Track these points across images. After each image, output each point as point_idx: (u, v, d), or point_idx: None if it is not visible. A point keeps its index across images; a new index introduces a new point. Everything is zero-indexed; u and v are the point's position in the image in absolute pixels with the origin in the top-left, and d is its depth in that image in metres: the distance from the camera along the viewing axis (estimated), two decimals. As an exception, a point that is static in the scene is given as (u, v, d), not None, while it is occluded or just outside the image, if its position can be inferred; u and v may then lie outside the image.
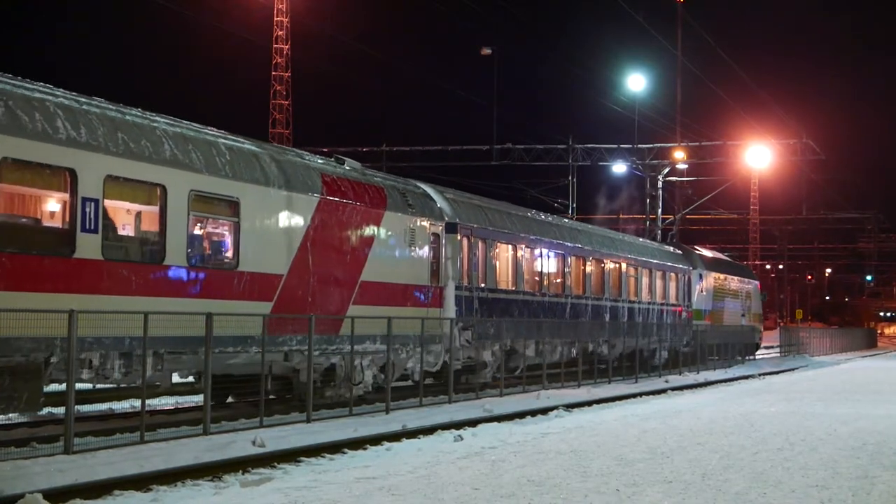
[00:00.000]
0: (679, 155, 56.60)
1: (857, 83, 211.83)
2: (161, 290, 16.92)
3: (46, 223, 15.79)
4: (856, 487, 12.69)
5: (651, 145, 57.43)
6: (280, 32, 75.34)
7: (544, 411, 22.51)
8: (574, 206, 55.42)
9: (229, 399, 21.28)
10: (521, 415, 21.67)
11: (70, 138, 15.31)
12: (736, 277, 54.93)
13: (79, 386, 16.05)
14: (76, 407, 15.41)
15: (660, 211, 58.35)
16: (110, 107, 16.81)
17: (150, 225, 17.23)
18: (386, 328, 21.94)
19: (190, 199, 17.52)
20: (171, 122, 18.09)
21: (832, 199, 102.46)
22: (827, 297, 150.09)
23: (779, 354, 62.79)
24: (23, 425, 17.11)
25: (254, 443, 15.67)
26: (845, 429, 19.29)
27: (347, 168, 23.10)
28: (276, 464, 14.29)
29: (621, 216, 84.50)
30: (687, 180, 63.26)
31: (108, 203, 15.94)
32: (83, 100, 16.34)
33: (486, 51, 57.74)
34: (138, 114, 17.34)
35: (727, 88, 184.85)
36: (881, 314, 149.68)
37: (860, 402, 26.34)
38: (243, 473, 13.52)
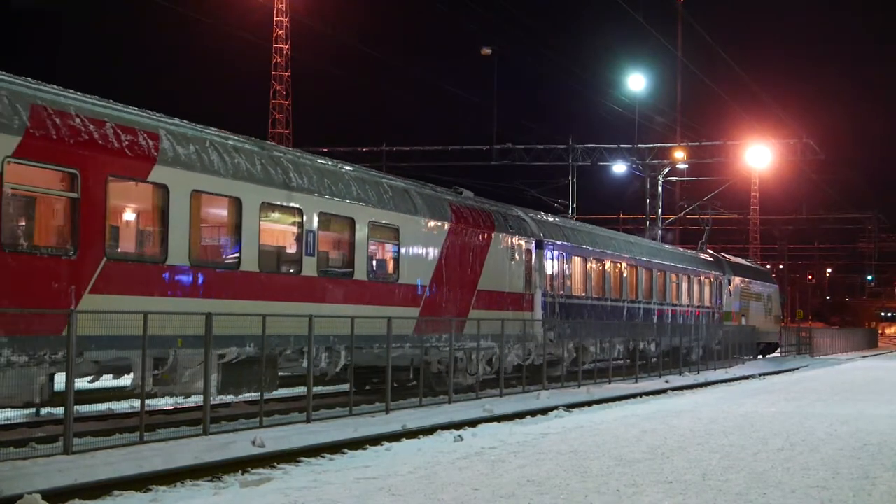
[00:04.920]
0: (679, 155, 56.62)
1: (857, 83, 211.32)
2: (353, 298, 21.70)
3: (287, 250, 20.31)
4: (856, 488, 12.66)
5: (651, 145, 57.40)
6: (280, 32, 75.21)
7: (544, 411, 22.52)
8: (574, 206, 55.33)
9: (367, 387, 24.54)
10: (521, 415, 21.67)
11: (298, 185, 20.18)
12: (758, 281, 58.39)
13: (78, 385, 16.02)
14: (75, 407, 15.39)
15: (660, 211, 58.35)
16: (317, 158, 22.05)
17: (343, 249, 21.98)
18: (498, 328, 26.81)
19: (369, 228, 22.37)
20: (352, 167, 23.36)
21: (832, 199, 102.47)
22: (827, 297, 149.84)
23: (779, 354, 62.79)
24: (22, 425, 17.08)
25: (253, 443, 15.67)
26: (846, 429, 19.26)
27: (464, 197, 28.06)
28: (275, 464, 14.29)
29: (622, 216, 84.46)
30: (687, 180, 63.34)
31: (320, 233, 20.77)
32: (299, 153, 21.83)
33: (486, 51, 57.71)
34: (331, 163, 22.60)
35: (727, 88, 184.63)
36: (881, 314, 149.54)
37: (861, 402, 26.30)
38: (243, 473, 13.51)
